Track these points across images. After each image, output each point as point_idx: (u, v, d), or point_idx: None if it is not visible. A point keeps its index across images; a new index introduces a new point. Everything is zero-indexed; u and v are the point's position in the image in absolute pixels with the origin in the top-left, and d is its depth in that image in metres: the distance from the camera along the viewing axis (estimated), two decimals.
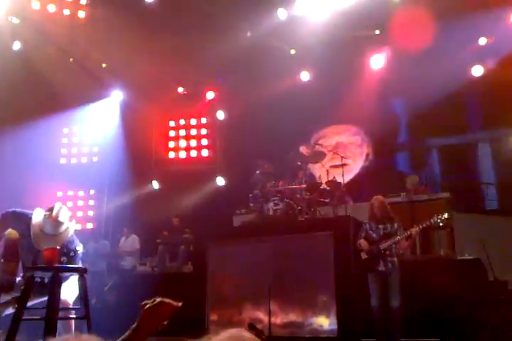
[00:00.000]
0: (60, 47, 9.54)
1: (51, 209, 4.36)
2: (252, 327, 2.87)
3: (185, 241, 8.22)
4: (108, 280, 8.03)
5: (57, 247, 4.10)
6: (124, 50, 9.39)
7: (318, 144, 9.14)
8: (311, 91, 9.30)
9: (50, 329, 3.60)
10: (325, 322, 6.91)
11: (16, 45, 9.33)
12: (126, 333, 1.77)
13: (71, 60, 9.80)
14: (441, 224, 5.41)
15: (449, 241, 6.71)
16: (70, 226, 4.46)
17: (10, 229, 4.43)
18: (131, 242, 8.66)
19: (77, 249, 4.45)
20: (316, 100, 9.17)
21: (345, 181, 8.91)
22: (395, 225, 5.57)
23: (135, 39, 8.93)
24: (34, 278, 3.95)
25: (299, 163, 8.50)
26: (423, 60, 8.59)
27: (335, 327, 6.69)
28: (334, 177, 8.50)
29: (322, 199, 8.35)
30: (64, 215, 4.35)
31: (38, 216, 4.38)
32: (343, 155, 8.72)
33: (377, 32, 8.95)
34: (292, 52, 9.46)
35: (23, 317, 3.71)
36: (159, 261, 8.29)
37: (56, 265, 3.95)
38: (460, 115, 9.16)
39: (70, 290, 4.28)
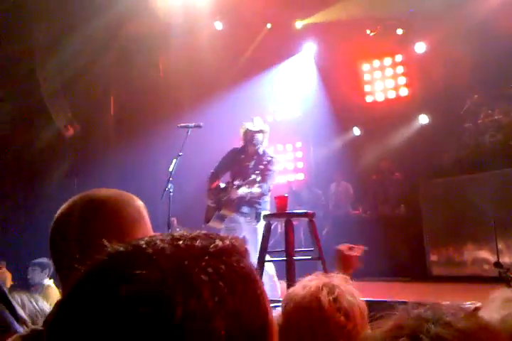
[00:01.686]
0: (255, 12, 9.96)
1: None
2: (497, 265, 2.82)
3: (395, 183, 8.11)
4: (324, 226, 8.44)
5: (286, 195, 4.31)
6: None
7: None
8: None
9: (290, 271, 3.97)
10: None
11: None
12: None
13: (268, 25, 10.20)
14: None
15: None
16: None
17: None
18: (344, 188, 8.92)
19: None
20: None
21: None
22: None
23: None
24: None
25: None
26: None
27: None
28: None
29: None
30: None
31: None
32: None
33: None
34: None
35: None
36: (371, 204, 8.38)
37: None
38: None
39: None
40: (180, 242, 0.57)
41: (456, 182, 7.22)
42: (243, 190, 4.41)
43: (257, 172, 4.49)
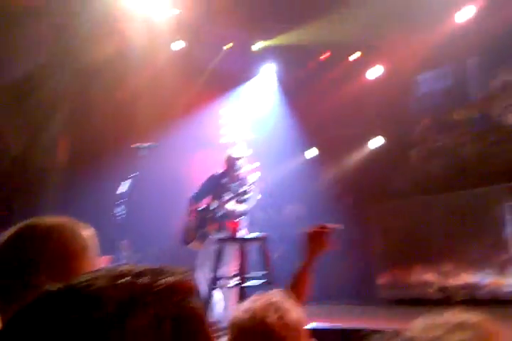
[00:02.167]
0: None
1: None
2: (442, 290, 2.88)
3: (345, 205, 8.22)
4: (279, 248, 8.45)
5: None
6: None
7: None
8: None
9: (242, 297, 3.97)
10: (505, 283, 6.32)
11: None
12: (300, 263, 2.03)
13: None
14: None
15: None
16: None
17: None
18: (297, 210, 9.00)
19: None
20: None
21: None
22: None
23: None
24: None
25: None
26: None
27: None
28: None
29: None
30: None
31: None
32: None
33: None
34: None
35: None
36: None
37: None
38: None
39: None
40: (123, 280, 0.53)
41: (406, 204, 7.38)
42: (232, 205, 4.71)
43: (239, 194, 4.78)
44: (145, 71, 9.56)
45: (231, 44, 10.41)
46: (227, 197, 4.84)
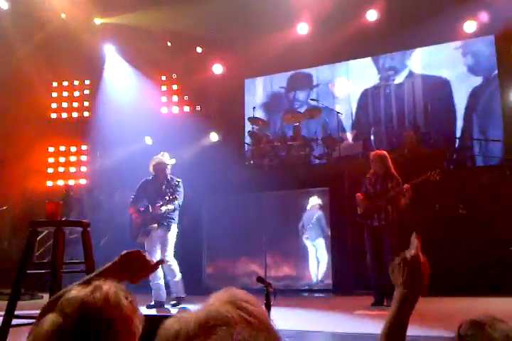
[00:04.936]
0: None
1: None
2: (260, 280, 2.88)
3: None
4: (105, 235, 8.09)
5: (60, 201, 4.17)
6: None
7: (314, 99, 9.05)
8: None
9: (54, 286, 3.62)
10: (320, 275, 7.08)
11: None
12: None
13: None
14: (437, 178, 5.39)
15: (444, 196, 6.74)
16: None
17: None
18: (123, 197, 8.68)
19: None
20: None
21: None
22: (394, 181, 5.52)
23: None
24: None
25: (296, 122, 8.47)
26: None
27: (329, 281, 6.87)
28: (330, 134, 8.46)
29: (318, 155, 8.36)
30: None
31: None
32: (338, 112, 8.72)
33: None
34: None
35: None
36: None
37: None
38: None
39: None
40: None
41: (238, 199, 7.70)
42: (163, 208, 5.64)
43: (169, 193, 5.71)
44: None
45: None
46: (159, 200, 5.69)
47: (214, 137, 9.51)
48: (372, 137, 9.34)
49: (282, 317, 3.46)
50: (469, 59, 8.89)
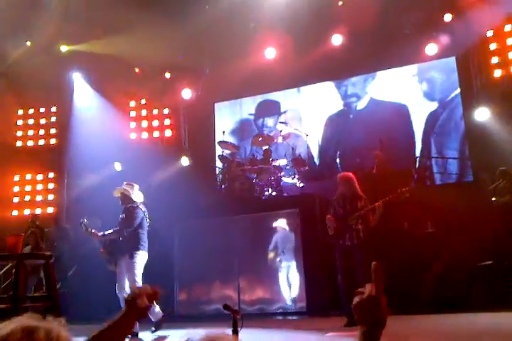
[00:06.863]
0: None
1: None
2: (226, 308, 2.85)
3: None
4: (72, 265, 7.88)
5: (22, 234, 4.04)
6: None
7: (283, 122, 9.15)
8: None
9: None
10: (293, 298, 7.01)
11: None
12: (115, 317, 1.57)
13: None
14: (407, 195, 5.47)
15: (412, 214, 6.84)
16: None
17: None
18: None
19: None
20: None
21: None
22: (363, 201, 5.57)
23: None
24: None
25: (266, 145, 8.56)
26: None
27: (303, 303, 6.81)
28: (300, 156, 8.53)
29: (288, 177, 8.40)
30: None
31: None
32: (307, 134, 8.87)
33: (340, 3, 8.78)
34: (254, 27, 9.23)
35: None
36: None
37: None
38: None
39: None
40: None
41: (209, 223, 7.63)
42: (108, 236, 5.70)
43: (119, 221, 5.72)
44: None
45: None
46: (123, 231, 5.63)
47: (185, 161, 9.47)
48: (337, 160, 9.56)
49: None
50: (424, 85, 9.31)
